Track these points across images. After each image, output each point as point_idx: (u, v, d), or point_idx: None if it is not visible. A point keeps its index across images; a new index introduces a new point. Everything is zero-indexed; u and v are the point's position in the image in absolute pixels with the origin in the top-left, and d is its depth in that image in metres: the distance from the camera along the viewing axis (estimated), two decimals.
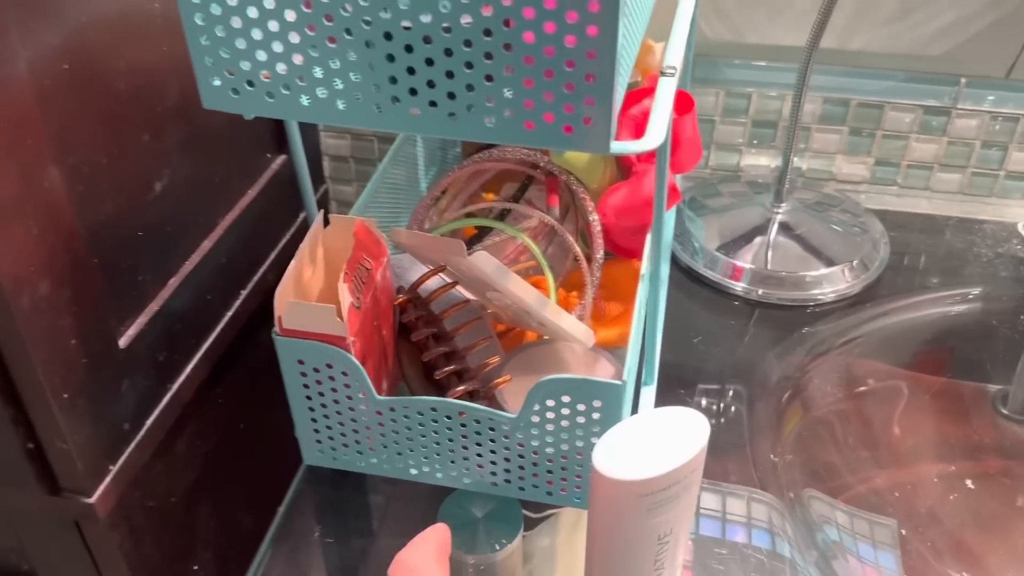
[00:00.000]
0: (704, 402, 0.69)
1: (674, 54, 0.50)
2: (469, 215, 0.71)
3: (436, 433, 0.56)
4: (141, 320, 0.55)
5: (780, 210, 0.84)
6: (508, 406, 0.57)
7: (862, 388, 0.73)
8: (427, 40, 0.39)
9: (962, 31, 0.83)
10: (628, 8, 0.40)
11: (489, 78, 0.40)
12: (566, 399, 0.51)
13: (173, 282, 0.57)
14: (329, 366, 0.54)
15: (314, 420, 0.58)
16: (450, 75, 0.40)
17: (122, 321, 0.53)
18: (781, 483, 0.63)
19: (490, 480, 0.58)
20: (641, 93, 0.66)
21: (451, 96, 0.41)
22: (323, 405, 0.57)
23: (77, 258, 0.48)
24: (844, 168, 0.92)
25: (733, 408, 0.68)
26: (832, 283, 0.79)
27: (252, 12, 0.41)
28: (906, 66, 0.86)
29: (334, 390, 0.55)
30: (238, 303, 0.65)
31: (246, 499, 0.69)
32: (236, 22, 0.41)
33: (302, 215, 0.71)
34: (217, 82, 0.44)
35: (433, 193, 0.71)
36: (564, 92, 0.39)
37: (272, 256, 0.69)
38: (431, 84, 0.41)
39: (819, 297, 0.78)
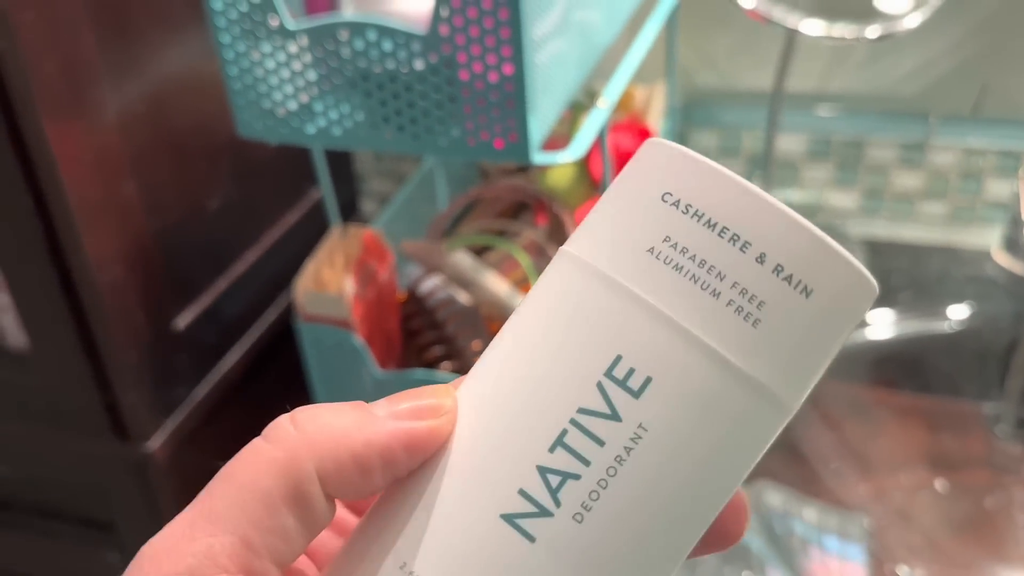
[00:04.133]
0: None
1: (610, 95, 0.62)
2: (481, 233, 0.84)
3: None
4: (195, 309, 0.69)
5: None
6: None
7: (834, 406, 0.81)
8: (393, 79, 0.53)
9: (928, 73, 0.92)
10: (546, 52, 0.52)
11: (439, 106, 0.53)
12: None
13: (222, 283, 0.72)
14: (338, 345, 0.67)
15: (330, 394, 0.71)
16: (411, 105, 0.53)
17: (180, 308, 0.68)
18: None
19: None
20: (618, 127, 0.78)
21: (413, 121, 0.54)
22: (337, 380, 0.70)
23: (145, 252, 0.63)
24: (832, 200, 1.01)
25: None
26: None
27: (270, 64, 0.55)
28: (883, 106, 0.95)
29: (344, 366, 0.68)
30: (281, 306, 0.79)
31: None
32: (260, 73, 0.56)
33: None
34: (248, 116, 0.58)
35: (444, 216, 0.84)
36: (493, 116, 0.52)
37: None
38: (398, 112, 0.54)
39: None
